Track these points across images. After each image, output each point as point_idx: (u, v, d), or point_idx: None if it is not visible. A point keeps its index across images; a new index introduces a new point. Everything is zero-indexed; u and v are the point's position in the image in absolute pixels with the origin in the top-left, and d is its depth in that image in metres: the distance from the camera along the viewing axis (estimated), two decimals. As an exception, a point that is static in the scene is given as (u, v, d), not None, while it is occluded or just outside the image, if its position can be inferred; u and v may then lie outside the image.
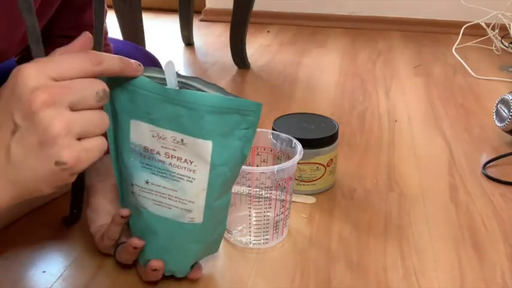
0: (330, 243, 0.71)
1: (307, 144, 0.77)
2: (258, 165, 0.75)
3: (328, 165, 0.81)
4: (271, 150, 0.74)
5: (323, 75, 1.45)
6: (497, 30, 1.70)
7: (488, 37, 1.71)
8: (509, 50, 1.68)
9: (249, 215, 0.69)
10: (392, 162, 0.94)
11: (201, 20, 2.12)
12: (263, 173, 0.66)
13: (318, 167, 0.80)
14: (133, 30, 1.35)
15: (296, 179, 0.80)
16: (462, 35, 1.66)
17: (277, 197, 0.67)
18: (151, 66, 0.52)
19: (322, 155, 0.80)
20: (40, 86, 0.40)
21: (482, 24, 1.69)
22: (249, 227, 0.69)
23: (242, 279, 0.64)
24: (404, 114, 1.17)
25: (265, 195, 0.67)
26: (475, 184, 0.87)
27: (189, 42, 1.76)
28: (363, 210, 0.79)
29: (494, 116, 1.03)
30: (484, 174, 0.89)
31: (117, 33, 1.35)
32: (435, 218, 0.77)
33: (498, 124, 1.02)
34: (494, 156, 0.95)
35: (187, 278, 0.62)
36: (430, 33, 1.93)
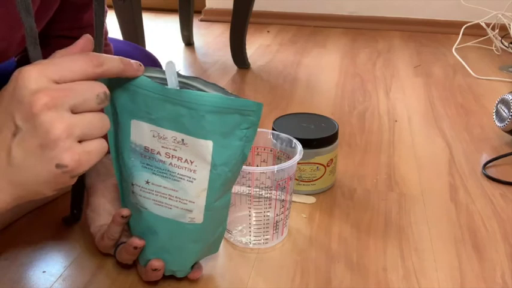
0: (330, 243, 0.71)
1: (307, 144, 0.77)
2: (258, 165, 0.75)
3: (328, 165, 0.81)
4: (271, 150, 0.74)
5: (323, 75, 1.45)
6: (497, 30, 1.71)
7: (488, 37, 1.71)
8: (509, 50, 1.68)
9: (249, 215, 0.69)
10: (392, 162, 0.94)
11: (201, 20, 2.12)
12: (263, 173, 0.66)
13: (318, 167, 0.80)
14: (133, 30, 1.35)
15: (296, 179, 0.80)
16: (462, 35, 1.66)
17: (277, 197, 0.67)
18: (151, 66, 0.52)
19: (322, 155, 0.80)
20: (41, 89, 0.40)
21: (482, 24, 1.69)
22: (249, 227, 0.69)
23: (242, 279, 0.64)
24: (404, 114, 1.17)
25: (265, 195, 0.67)
26: (475, 184, 0.87)
27: (189, 42, 1.76)
28: (363, 210, 0.79)
29: (494, 116, 1.03)
30: (484, 174, 0.89)
31: (117, 33, 1.35)
32: (435, 218, 0.77)
33: (498, 124, 1.02)
34: (494, 156, 0.95)
35: (187, 278, 0.62)
36: (430, 33, 1.93)
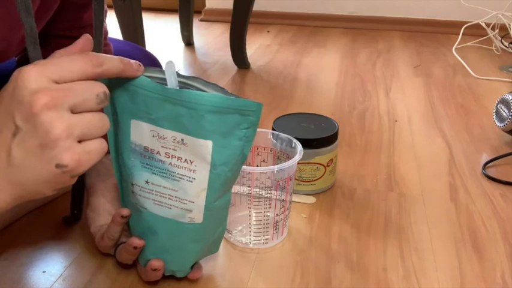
0: (330, 243, 0.71)
1: (307, 144, 0.77)
2: (258, 165, 0.75)
3: (328, 165, 0.81)
4: (271, 150, 0.74)
5: (323, 75, 1.45)
6: (497, 30, 1.71)
7: (488, 37, 1.71)
8: (509, 50, 1.68)
9: (249, 215, 0.69)
10: (392, 162, 0.94)
11: (201, 20, 2.12)
12: (263, 173, 0.66)
13: (318, 167, 0.80)
14: (133, 30, 1.35)
15: (296, 179, 0.80)
16: (462, 35, 1.66)
17: (277, 197, 0.67)
18: (151, 66, 0.52)
19: (322, 155, 0.80)
20: (41, 89, 0.40)
21: (482, 24, 1.69)
22: (249, 227, 0.69)
23: (242, 279, 0.64)
24: (404, 114, 1.17)
25: (265, 195, 0.67)
26: (475, 184, 0.87)
27: (189, 42, 1.76)
28: (363, 210, 0.79)
29: (494, 116, 1.03)
30: (484, 174, 0.89)
31: (117, 33, 1.35)
32: (435, 218, 0.77)
33: (498, 124, 1.02)
34: (494, 156, 0.95)
35: (187, 278, 0.62)
36: (430, 33, 1.93)
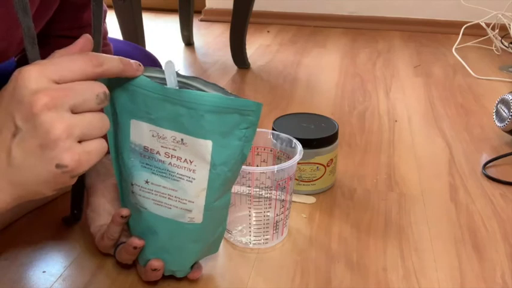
0: (330, 243, 0.71)
1: (307, 144, 0.77)
2: (258, 165, 0.75)
3: (328, 165, 0.81)
4: (271, 150, 0.74)
5: (323, 75, 1.45)
6: (497, 30, 1.71)
7: (488, 37, 1.71)
8: (509, 50, 1.68)
9: (249, 215, 0.69)
10: (392, 162, 0.94)
11: (201, 20, 2.12)
12: (263, 173, 0.66)
13: (318, 167, 0.80)
14: (133, 30, 1.35)
15: (296, 179, 0.80)
16: (462, 35, 1.66)
17: (277, 197, 0.67)
18: (151, 66, 0.52)
19: (322, 155, 0.80)
20: (41, 89, 0.40)
21: (482, 24, 1.69)
22: (249, 227, 0.69)
23: (242, 279, 0.64)
24: (404, 114, 1.17)
25: (265, 195, 0.67)
26: (475, 184, 0.87)
27: (189, 42, 1.76)
28: (363, 210, 0.79)
29: (494, 116, 1.03)
30: (484, 174, 0.89)
31: (117, 33, 1.35)
32: (435, 218, 0.77)
33: (498, 124, 1.02)
34: (494, 156, 0.95)
35: (187, 278, 0.62)
36: (430, 33, 1.93)
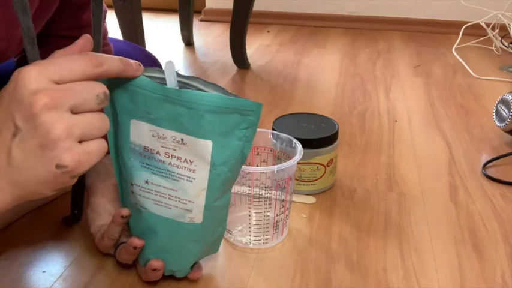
0: (330, 243, 0.71)
1: (307, 144, 0.77)
2: (258, 165, 0.75)
3: (328, 165, 0.81)
4: (271, 150, 0.74)
5: (323, 75, 1.45)
6: (497, 30, 1.71)
7: (488, 37, 1.71)
8: (509, 50, 1.68)
9: (249, 215, 0.69)
10: (392, 162, 0.94)
11: (201, 20, 2.12)
12: (263, 173, 0.66)
13: (318, 167, 0.80)
14: (133, 30, 1.35)
15: (296, 179, 0.80)
16: (462, 35, 1.66)
17: (277, 197, 0.67)
18: (151, 66, 0.52)
19: (322, 155, 0.80)
20: (41, 89, 0.40)
21: (482, 24, 1.69)
22: (249, 227, 0.69)
23: (242, 279, 0.64)
24: (404, 114, 1.17)
25: (265, 195, 0.67)
26: (475, 184, 0.87)
27: (189, 42, 1.76)
28: (363, 210, 0.79)
29: (494, 116, 1.03)
30: (484, 174, 0.89)
31: (117, 33, 1.35)
32: (435, 218, 0.77)
33: (498, 124, 1.02)
34: (494, 156, 0.95)
35: (187, 278, 0.62)
36: (430, 33, 1.93)
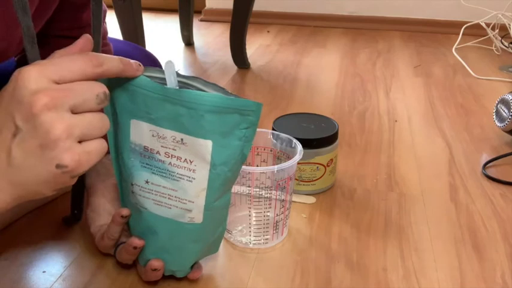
0: (330, 243, 0.71)
1: (307, 144, 0.77)
2: (258, 165, 0.75)
3: (328, 165, 0.81)
4: (271, 150, 0.74)
5: (323, 75, 1.45)
6: (497, 30, 1.71)
7: (488, 37, 1.71)
8: (509, 50, 1.68)
9: (249, 215, 0.69)
10: (392, 162, 0.94)
11: (201, 20, 2.12)
12: (263, 173, 0.66)
13: (318, 167, 0.80)
14: (133, 30, 1.35)
15: (296, 179, 0.80)
16: (462, 35, 1.66)
17: (277, 197, 0.67)
18: (151, 66, 0.52)
19: (322, 155, 0.80)
20: (41, 89, 0.40)
21: (482, 24, 1.69)
22: (249, 227, 0.69)
23: (242, 279, 0.64)
24: (404, 114, 1.17)
25: (265, 195, 0.67)
26: (475, 184, 0.87)
27: (189, 42, 1.76)
28: (363, 210, 0.79)
29: (494, 116, 1.03)
30: (484, 174, 0.89)
31: (117, 33, 1.35)
32: (435, 218, 0.77)
33: (498, 124, 1.02)
34: (494, 156, 0.95)
35: (187, 278, 0.62)
36: (430, 33, 1.93)
